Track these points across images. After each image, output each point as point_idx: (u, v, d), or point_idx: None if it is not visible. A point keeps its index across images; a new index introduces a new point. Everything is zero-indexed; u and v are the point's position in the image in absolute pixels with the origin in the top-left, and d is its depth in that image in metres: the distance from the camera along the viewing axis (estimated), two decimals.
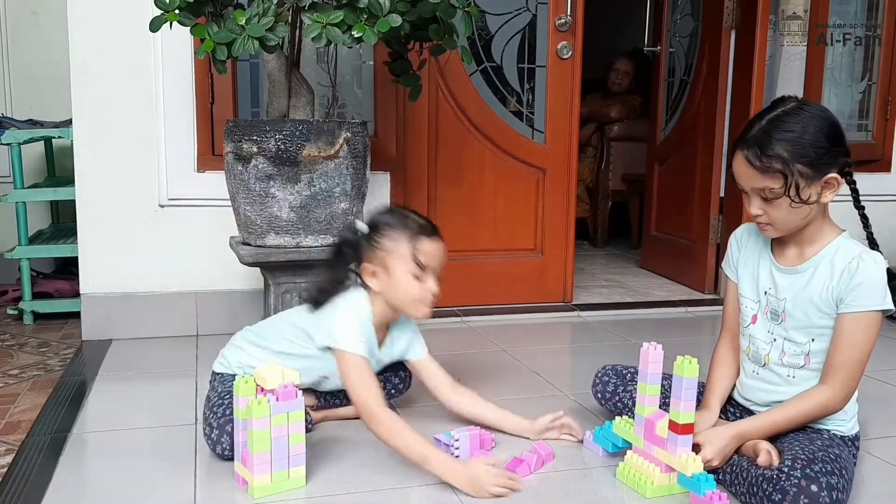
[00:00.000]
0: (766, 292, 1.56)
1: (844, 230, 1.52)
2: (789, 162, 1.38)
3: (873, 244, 1.54)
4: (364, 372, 1.56)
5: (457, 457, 1.57)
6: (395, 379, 1.87)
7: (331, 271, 1.66)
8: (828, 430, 1.51)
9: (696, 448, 1.44)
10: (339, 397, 1.80)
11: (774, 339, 1.55)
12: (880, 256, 1.45)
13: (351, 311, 1.61)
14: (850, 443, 1.52)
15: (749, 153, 1.41)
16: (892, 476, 1.59)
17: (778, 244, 1.56)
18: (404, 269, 1.59)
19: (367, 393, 1.53)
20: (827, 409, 1.47)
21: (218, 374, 1.76)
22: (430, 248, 1.60)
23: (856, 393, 1.55)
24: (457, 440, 1.60)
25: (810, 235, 1.49)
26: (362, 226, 1.64)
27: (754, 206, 1.46)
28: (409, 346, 1.75)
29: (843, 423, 1.53)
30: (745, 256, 1.63)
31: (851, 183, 1.48)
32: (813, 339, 1.50)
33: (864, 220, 1.56)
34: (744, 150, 1.42)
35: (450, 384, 1.74)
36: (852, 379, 1.46)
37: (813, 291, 1.48)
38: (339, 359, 1.58)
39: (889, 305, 1.43)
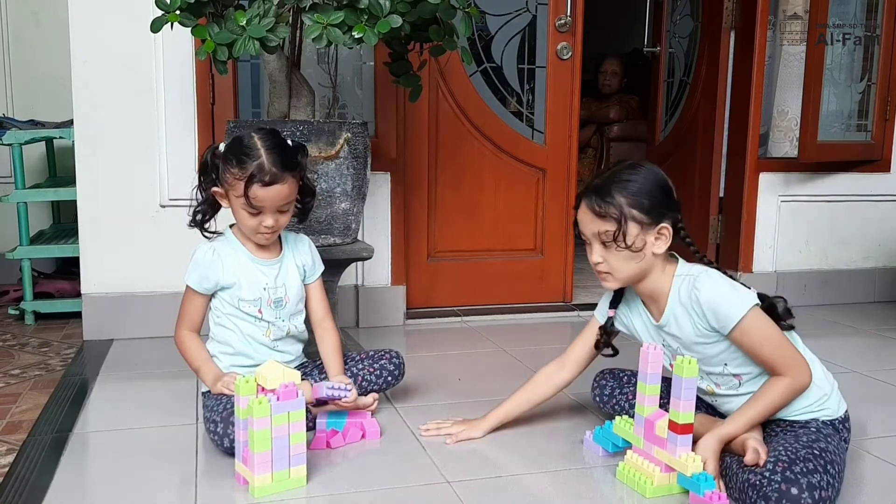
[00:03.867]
0: (664, 344, 1.60)
1: (675, 262, 1.57)
2: (624, 207, 1.47)
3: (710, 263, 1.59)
4: (187, 299, 1.76)
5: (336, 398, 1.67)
6: (390, 366, 1.89)
7: (199, 187, 1.76)
8: (815, 420, 1.52)
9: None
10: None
11: (701, 378, 1.58)
12: (711, 272, 1.51)
13: (198, 252, 1.74)
14: (840, 426, 1.53)
15: (589, 199, 1.51)
16: (893, 476, 1.59)
17: (646, 301, 1.61)
18: (239, 205, 1.67)
19: (179, 314, 1.77)
20: (799, 387, 1.49)
21: (208, 391, 1.76)
22: (263, 194, 1.64)
23: (821, 367, 1.57)
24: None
25: (653, 287, 1.56)
26: (221, 147, 1.71)
27: (595, 254, 1.54)
28: (312, 268, 1.84)
29: (828, 406, 1.54)
30: (632, 319, 1.66)
31: (686, 238, 1.55)
32: (725, 364, 1.54)
33: (704, 261, 1.60)
34: (586, 197, 1.52)
35: (320, 317, 1.85)
36: (794, 358, 1.48)
37: (688, 335, 1.53)
38: None
39: (750, 303, 1.47)
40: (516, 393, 1.78)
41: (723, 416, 1.64)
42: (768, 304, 1.52)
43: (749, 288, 1.51)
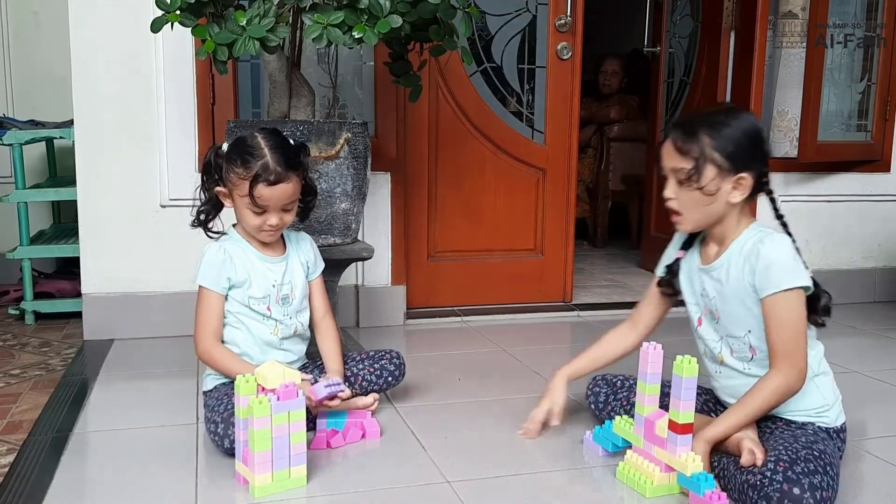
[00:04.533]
0: (701, 294, 1.59)
1: (752, 220, 1.54)
2: (706, 148, 1.45)
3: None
4: (204, 302, 1.72)
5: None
6: (391, 366, 1.89)
7: (202, 187, 1.76)
8: (812, 424, 1.52)
9: None
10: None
11: (721, 338, 1.58)
12: (784, 237, 1.48)
13: (208, 252, 1.73)
14: (835, 435, 1.53)
15: (675, 133, 1.49)
16: (893, 476, 1.59)
17: (703, 245, 1.60)
18: (244, 204, 1.68)
19: (198, 322, 1.72)
20: (787, 392, 1.47)
21: (209, 391, 1.76)
22: (268, 194, 1.65)
23: (832, 381, 1.57)
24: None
25: (725, 232, 1.53)
26: (224, 147, 1.71)
27: (669, 189, 1.52)
28: (315, 265, 1.86)
29: (827, 415, 1.53)
30: (684, 262, 1.65)
31: (769, 192, 1.53)
32: (750, 331, 1.52)
33: (785, 227, 1.57)
34: (672, 131, 1.50)
35: (321, 314, 1.86)
36: (796, 356, 1.46)
37: (732, 285, 1.51)
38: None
39: (802, 282, 1.45)
40: (587, 351, 1.78)
41: (718, 402, 1.65)
42: (814, 294, 1.49)
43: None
